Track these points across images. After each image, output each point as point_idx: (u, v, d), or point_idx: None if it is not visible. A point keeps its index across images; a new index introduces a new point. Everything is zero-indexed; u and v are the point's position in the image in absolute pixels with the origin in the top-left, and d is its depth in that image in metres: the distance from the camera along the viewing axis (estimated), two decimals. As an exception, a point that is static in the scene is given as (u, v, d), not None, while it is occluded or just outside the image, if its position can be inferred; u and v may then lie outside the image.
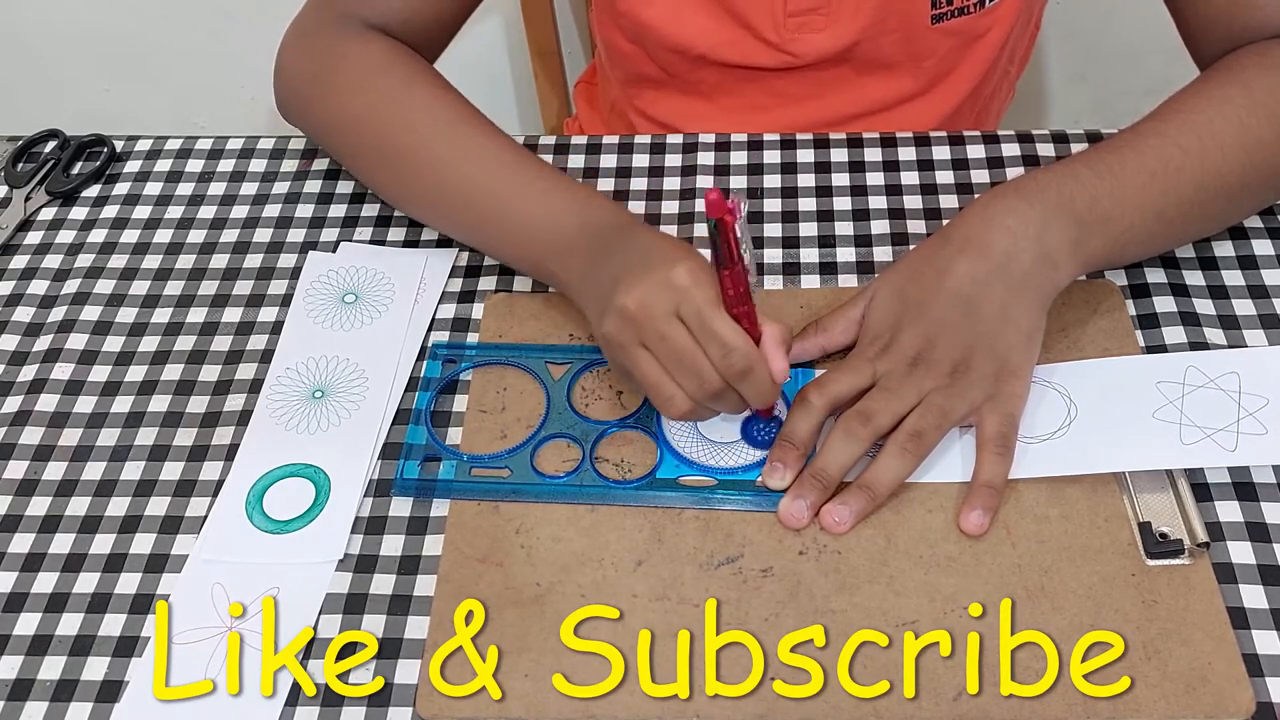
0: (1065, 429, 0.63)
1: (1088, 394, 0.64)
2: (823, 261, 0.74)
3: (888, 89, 0.87)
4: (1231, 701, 0.54)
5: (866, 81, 0.86)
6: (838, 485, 0.61)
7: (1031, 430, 0.63)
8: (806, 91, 0.87)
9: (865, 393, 0.63)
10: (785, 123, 0.87)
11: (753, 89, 0.88)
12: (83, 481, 0.66)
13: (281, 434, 0.67)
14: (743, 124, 0.85)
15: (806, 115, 0.88)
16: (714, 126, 0.85)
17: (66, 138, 0.87)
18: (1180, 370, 0.64)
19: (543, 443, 0.65)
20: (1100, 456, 0.62)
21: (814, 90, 0.87)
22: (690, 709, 0.56)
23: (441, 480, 0.64)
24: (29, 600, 0.61)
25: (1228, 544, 0.59)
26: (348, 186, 0.81)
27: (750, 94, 0.88)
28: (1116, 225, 0.65)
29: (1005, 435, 0.61)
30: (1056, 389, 0.65)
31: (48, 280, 0.77)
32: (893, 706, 0.55)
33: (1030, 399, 0.64)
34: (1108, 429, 0.63)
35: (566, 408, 0.67)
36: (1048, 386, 0.65)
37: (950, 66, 0.86)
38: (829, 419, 0.64)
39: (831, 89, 0.87)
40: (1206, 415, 0.62)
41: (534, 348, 0.70)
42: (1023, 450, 0.62)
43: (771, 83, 0.87)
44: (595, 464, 0.64)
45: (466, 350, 0.70)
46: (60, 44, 1.42)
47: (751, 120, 0.89)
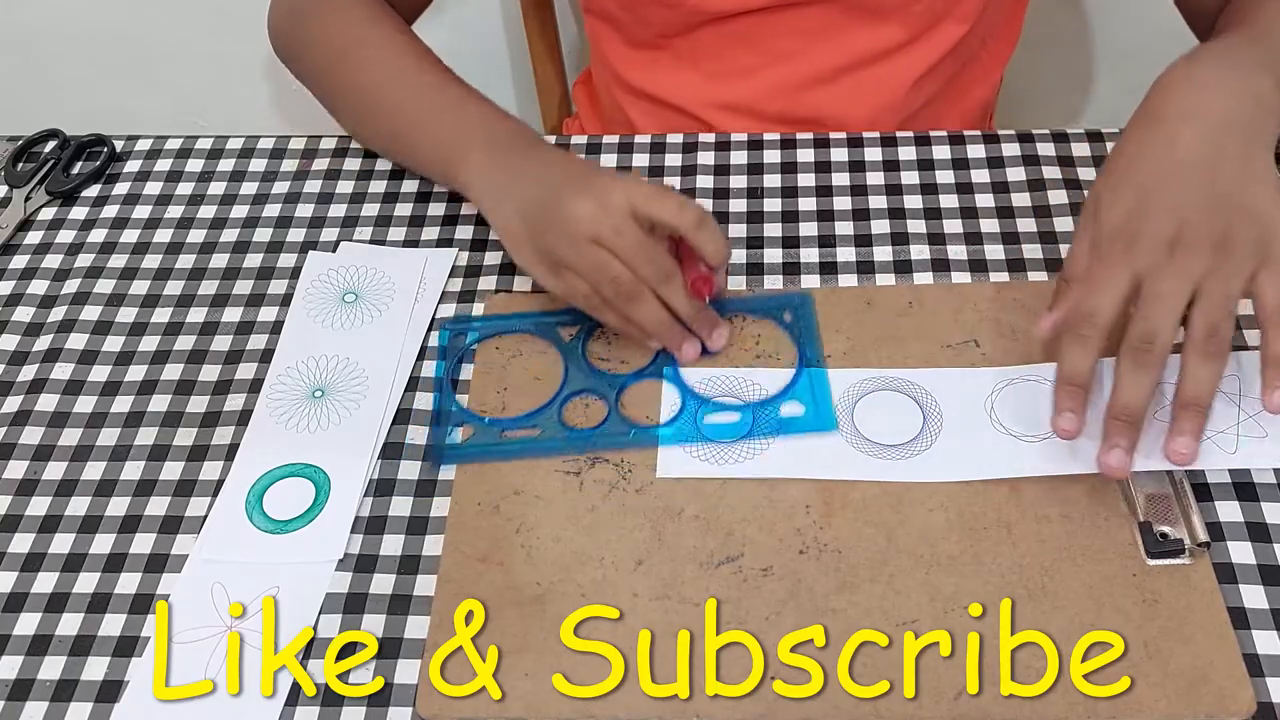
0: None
1: (1090, 392, 0.64)
2: (823, 261, 0.74)
3: (876, 38, 0.86)
4: (1232, 701, 0.54)
5: (854, 30, 0.86)
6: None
7: (1033, 428, 0.63)
8: (793, 46, 0.87)
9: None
10: (773, 85, 0.88)
11: (739, 49, 0.88)
12: (83, 481, 0.66)
13: (281, 433, 0.67)
14: (731, 91, 0.87)
15: (794, 74, 0.88)
16: (703, 94, 0.86)
17: (66, 138, 0.87)
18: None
19: (567, 400, 0.67)
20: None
21: (801, 44, 0.87)
22: (690, 709, 0.55)
23: (475, 445, 0.65)
24: (29, 600, 0.61)
25: (1228, 544, 0.59)
26: (347, 186, 0.81)
27: (736, 55, 0.88)
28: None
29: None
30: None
31: (48, 280, 0.77)
32: (893, 706, 0.55)
33: (1032, 396, 0.64)
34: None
35: (584, 365, 0.68)
36: (1050, 385, 0.64)
37: (938, 16, 0.86)
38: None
39: (819, 39, 0.87)
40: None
41: (538, 314, 0.71)
42: (1022, 448, 0.62)
43: (758, 36, 0.87)
44: (621, 414, 0.66)
45: (474, 323, 0.72)
46: (60, 44, 1.42)
47: (740, 87, 0.89)
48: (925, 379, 0.66)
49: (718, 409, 0.66)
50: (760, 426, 0.65)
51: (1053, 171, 0.77)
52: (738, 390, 0.67)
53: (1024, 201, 0.76)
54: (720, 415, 0.65)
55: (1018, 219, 0.75)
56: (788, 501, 0.62)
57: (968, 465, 0.62)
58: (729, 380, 0.67)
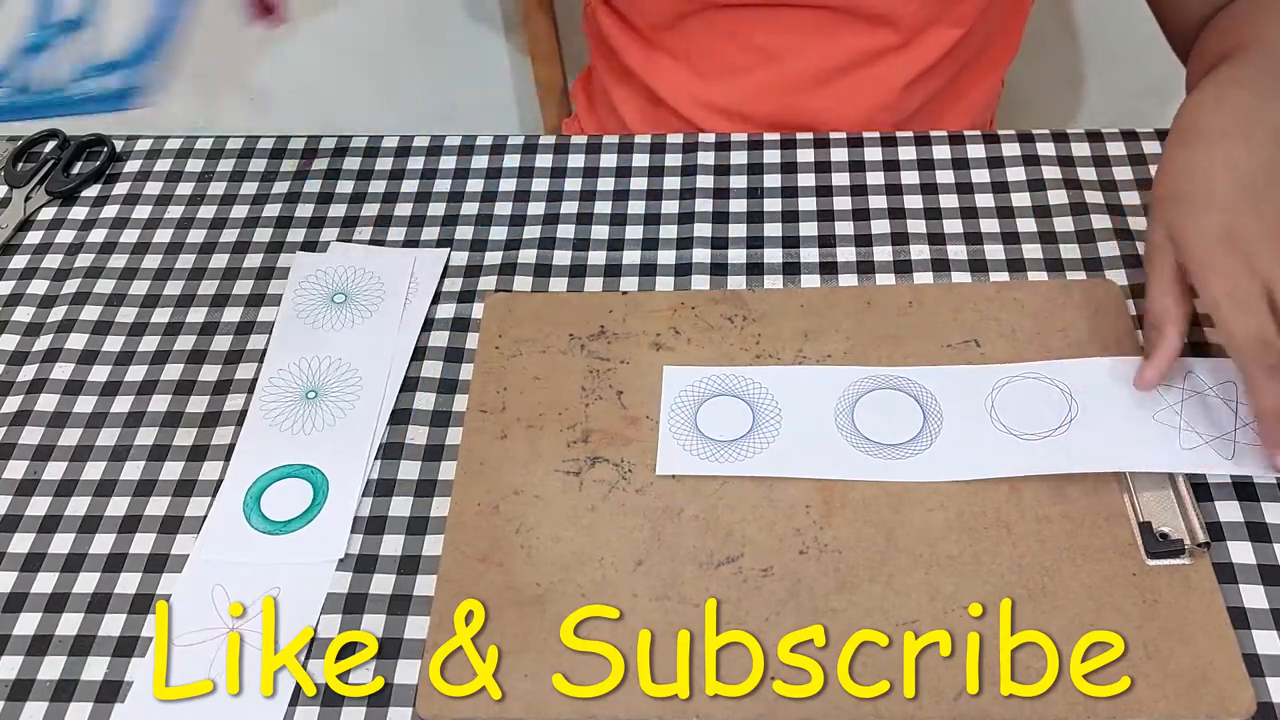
0: (1066, 426, 0.63)
1: (1090, 392, 0.64)
2: (823, 261, 0.74)
3: (867, 40, 0.87)
4: (1232, 701, 0.54)
5: (846, 31, 0.86)
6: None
7: (1033, 426, 0.63)
8: (784, 44, 0.87)
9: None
10: (764, 85, 0.88)
11: (730, 44, 0.88)
12: (83, 481, 0.66)
13: (276, 435, 0.67)
14: (724, 90, 0.87)
15: (787, 73, 0.88)
16: (695, 94, 0.86)
17: (66, 137, 0.87)
18: (1180, 375, 0.64)
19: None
20: (1100, 456, 0.62)
21: (791, 43, 0.87)
22: (690, 709, 0.56)
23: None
24: (29, 600, 0.61)
25: (1228, 544, 0.59)
26: (347, 186, 0.81)
27: (729, 52, 0.88)
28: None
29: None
30: (1059, 386, 0.65)
31: (48, 280, 0.77)
32: (893, 706, 0.55)
33: (1032, 394, 0.64)
34: (1108, 429, 0.63)
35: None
36: (1050, 383, 0.65)
37: (931, 19, 0.86)
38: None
39: (811, 39, 0.87)
40: (1205, 422, 0.62)
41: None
42: (1022, 447, 0.62)
43: (747, 33, 0.87)
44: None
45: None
46: (60, 44, 1.42)
47: (733, 85, 0.89)
48: (925, 377, 0.66)
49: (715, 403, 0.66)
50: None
51: (1053, 171, 0.77)
52: (738, 389, 0.67)
53: (1024, 201, 0.76)
54: (718, 411, 0.65)
55: (1018, 219, 0.75)
56: (788, 501, 0.62)
57: (967, 464, 0.62)
58: (728, 380, 0.67)
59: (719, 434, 0.65)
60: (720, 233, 0.76)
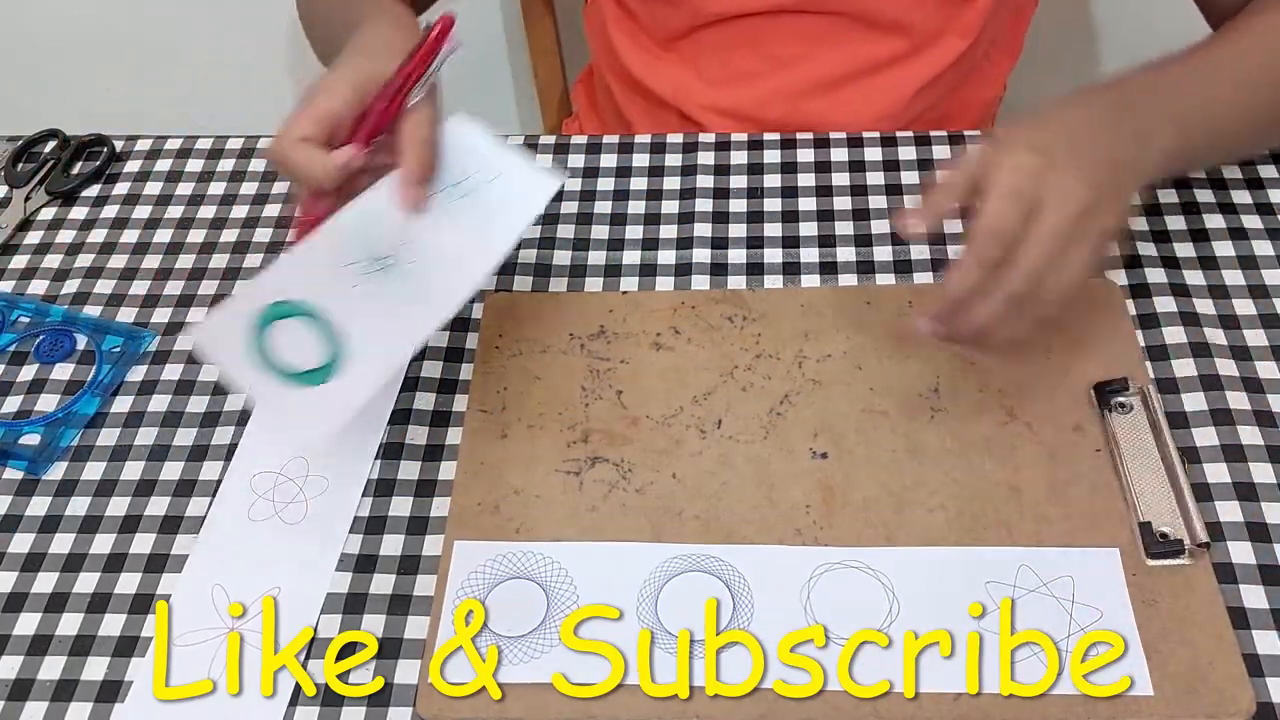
0: (887, 629, 0.57)
1: (911, 586, 0.59)
2: (823, 261, 0.74)
3: (877, 48, 0.87)
4: (1232, 701, 0.54)
5: (856, 39, 0.86)
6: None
7: (849, 628, 0.57)
8: (795, 52, 0.87)
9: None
10: (774, 91, 0.88)
11: (741, 52, 0.88)
12: (83, 481, 0.66)
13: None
14: (732, 96, 0.86)
15: (796, 80, 0.88)
16: (703, 98, 0.86)
17: (66, 138, 0.87)
18: (1012, 570, 0.59)
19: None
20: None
21: (802, 51, 0.87)
22: (690, 709, 0.55)
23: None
24: (29, 600, 0.61)
25: (1228, 544, 0.59)
26: (348, 186, 0.81)
27: (739, 60, 0.89)
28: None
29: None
30: (881, 579, 0.59)
31: (48, 280, 0.77)
32: (893, 706, 0.55)
33: (851, 588, 0.59)
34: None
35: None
36: (872, 574, 0.59)
37: (940, 30, 0.86)
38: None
39: (824, 46, 0.87)
40: (1036, 624, 0.57)
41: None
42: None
43: (761, 41, 0.87)
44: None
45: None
46: (60, 44, 1.42)
47: (742, 91, 0.89)
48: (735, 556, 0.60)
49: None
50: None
51: (1053, 171, 0.77)
52: (530, 569, 0.61)
53: (1024, 201, 0.76)
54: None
55: (1018, 219, 0.75)
56: (787, 501, 0.62)
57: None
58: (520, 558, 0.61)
59: (506, 628, 0.58)
60: (720, 233, 0.76)
